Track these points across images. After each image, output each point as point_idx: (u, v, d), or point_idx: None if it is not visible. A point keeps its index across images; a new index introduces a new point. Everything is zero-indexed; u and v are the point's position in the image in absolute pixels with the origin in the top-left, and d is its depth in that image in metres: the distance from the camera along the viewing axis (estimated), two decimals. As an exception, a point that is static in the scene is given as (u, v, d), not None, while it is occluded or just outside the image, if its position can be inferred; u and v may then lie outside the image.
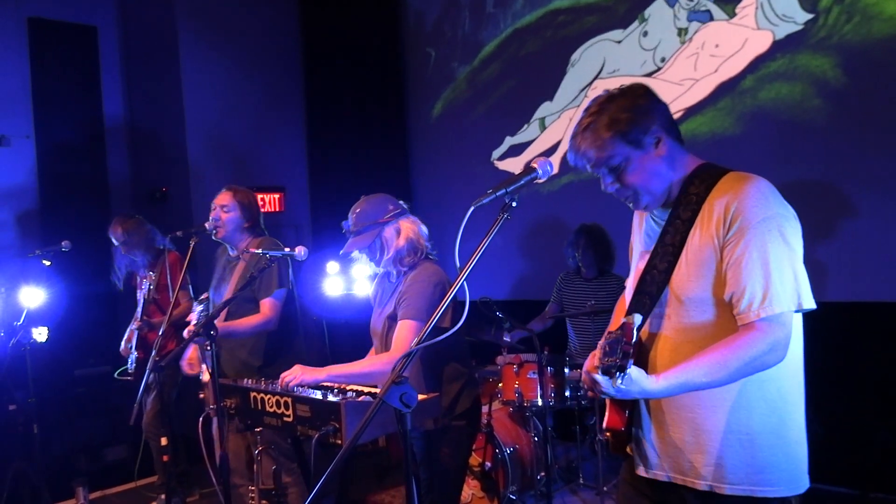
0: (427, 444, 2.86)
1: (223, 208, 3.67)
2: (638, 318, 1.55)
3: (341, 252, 2.97)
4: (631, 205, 1.88)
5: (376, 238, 2.86)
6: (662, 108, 1.84)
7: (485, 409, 4.11)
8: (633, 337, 1.49)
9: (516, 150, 6.00)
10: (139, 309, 4.78)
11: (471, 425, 2.94)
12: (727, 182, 1.75)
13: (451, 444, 2.85)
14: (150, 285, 4.72)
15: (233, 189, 3.75)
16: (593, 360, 1.62)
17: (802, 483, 1.77)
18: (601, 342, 1.56)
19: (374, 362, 2.80)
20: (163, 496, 4.54)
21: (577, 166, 1.85)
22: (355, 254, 2.93)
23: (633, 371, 1.51)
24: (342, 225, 2.96)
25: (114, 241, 4.85)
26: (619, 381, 1.48)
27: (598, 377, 1.55)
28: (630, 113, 1.77)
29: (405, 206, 2.96)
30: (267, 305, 3.55)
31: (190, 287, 4.82)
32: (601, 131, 1.77)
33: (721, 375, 1.63)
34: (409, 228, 2.86)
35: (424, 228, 2.93)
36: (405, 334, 2.72)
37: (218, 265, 3.85)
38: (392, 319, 2.84)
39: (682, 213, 1.79)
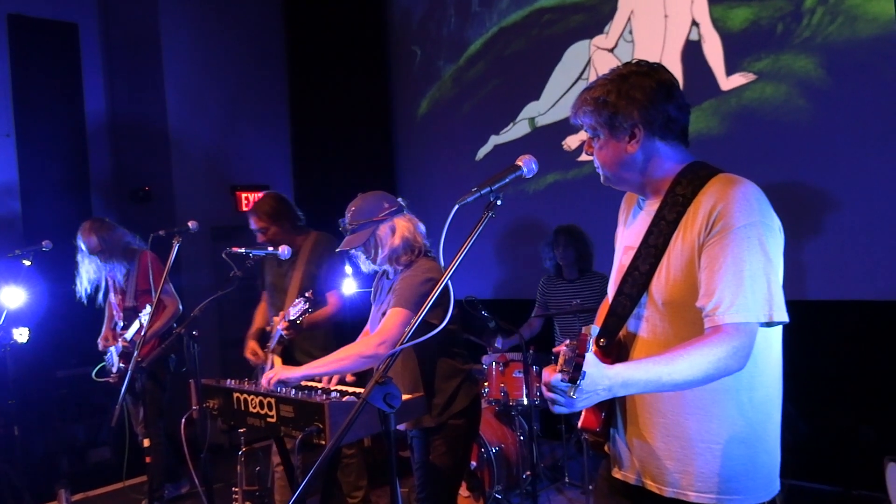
0: (424, 443, 2.84)
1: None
2: (595, 330, 1.55)
3: (337, 249, 2.97)
4: (602, 179, 1.92)
5: (371, 236, 2.84)
6: (662, 107, 1.77)
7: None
8: (586, 349, 1.48)
9: (501, 149, 5.99)
10: (118, 322, 4.61)
11: (469, 424, 2.88)
12: (715, 185, 1.72)
13: (446, 443, 2.81)
14: (127, 290, 4.59)
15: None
16: (550, 372, 1.56)
17: (771, 490, 1.76)
18: (562, 350, 1.52)
19: (350, 348, 2.78)
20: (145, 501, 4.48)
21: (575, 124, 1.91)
22: (353, 251, 2.92)
23: (587, 379, 1.48)
24: (339, 222, 2.94)
25: (86, 250, 4.61)
26: (572, 391, 1.48)
27: (554, 387, 1.51)
28: (617, 96, 1.76)
29: (402, 204, 2.94)
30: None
31: (171, 286, 4.66)
32: (589, 100, 1.81)
33: (683, 369, 1.57)
34: (404, 227, 2.85)
35: (422, 226, 2.93)
36: (392, 320, 2.71)
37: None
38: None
39: (667, 215, 1.77)
